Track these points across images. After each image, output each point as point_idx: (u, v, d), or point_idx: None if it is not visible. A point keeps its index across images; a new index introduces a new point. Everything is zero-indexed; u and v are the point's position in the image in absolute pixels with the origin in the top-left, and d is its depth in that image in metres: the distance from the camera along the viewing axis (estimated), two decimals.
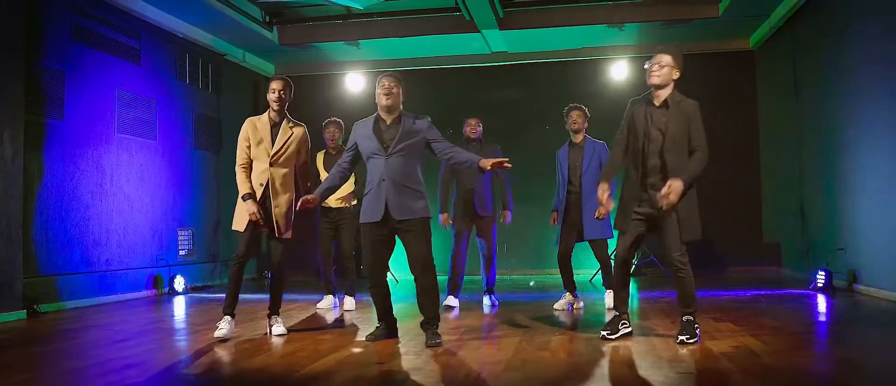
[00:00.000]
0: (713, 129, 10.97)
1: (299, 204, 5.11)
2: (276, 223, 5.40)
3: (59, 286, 7.50)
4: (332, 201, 7.12)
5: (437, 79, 11.52)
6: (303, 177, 5.67)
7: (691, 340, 4.69)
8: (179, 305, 7.92)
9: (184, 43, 9.65)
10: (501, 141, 10.58)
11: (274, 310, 5.58)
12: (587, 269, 10.17)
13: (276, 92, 5.46)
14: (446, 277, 7.03)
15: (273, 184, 5.39)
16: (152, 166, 9.09)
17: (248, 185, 5.37)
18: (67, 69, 7.71)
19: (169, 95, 9.46)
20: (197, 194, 10.08)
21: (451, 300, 7.08)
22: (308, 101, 11.58)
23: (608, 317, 6.02)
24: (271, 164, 5.40)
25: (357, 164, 5.29)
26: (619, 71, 10.45)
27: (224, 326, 5.25)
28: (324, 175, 7.13)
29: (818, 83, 8.56)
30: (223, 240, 10.52)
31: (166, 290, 8.98)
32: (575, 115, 6.95)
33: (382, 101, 5.02)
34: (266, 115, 5.53)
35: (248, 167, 5.44)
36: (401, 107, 5.13)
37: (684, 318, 4.82)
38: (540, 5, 9.62)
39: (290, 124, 5.54)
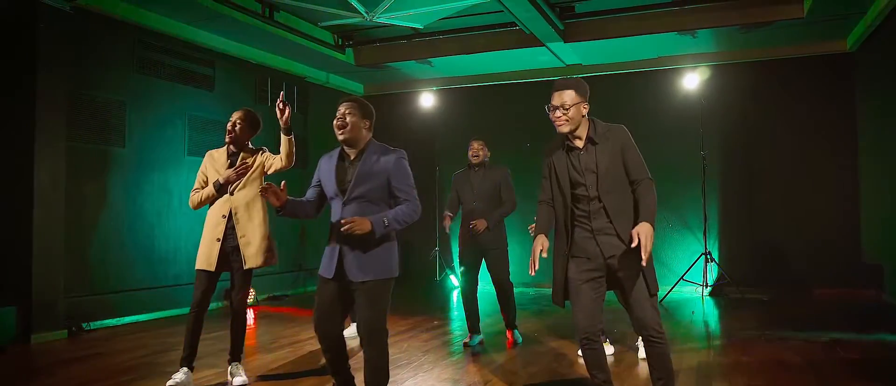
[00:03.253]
0: (806, 137, 8.81)
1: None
2: (243, 255, 4.21)
3: (118, 303, 6.77)
4: None
5: (513, 94, 9.94)
6: (289, 156, 4.30)
7: None
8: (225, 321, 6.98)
9: (262, 69, 8.75)
10: None
11: (235, 355, 4.38)
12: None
13: (233, 121, 4.29)
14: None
15: (235, 215, 4.21)
16: None
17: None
18: (129, 99, 6.97)
19: None
20: None
21: (471, 339, 5.60)
22: (394, 119, 10.44)
23: (641, 370, 4.42)
24: (231, 194, 4.22)
25: (324, 203, 3.69)
26: (691, 81, 8.41)
27: (179, 378, 4.12)
28: None
29: None
30: (308, 248, 9.60)
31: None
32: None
33: (337, 135, 3.50)
34: (225, 146, 4.39)
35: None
36: (368, 137, 3.55)
37: None
38: (600, 15, 7.82)
39: (248, 153, 4.34)
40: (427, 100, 9.94)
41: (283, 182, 3.50)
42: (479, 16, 7.92)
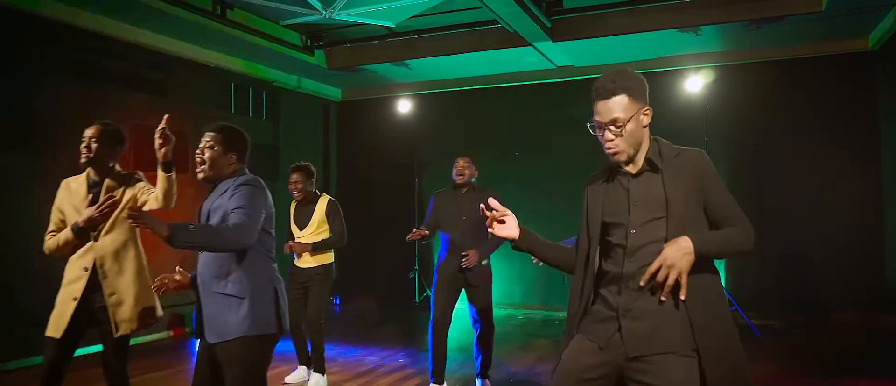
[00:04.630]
0: (823, 146, 7.77)
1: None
2: (113, 320, 3.23)
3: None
4: (303, 260, 4.97)
5: (500, 98, 8.95)
6: (167, 197, 3.26)
7: None
8: (174, 353, 6.08)
9: (223, 73, 7.81)
10: (569, 162, 8.01)
11: None
12: None
13: (85, 140, 3.31)
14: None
15: (101, 267, 3.23)
16: (185, 199, 7.32)
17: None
18: (61, 108, 6.05)
19: (205, 126, 7.66)
20: None
21: None
22: (374, 127, 9.50)
23: None
24: (96, 240, 3.25)
25: None
26: (694, 83, 7.40)
27: None
28: (295, 230, 5.01)
29: None
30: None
31: (189, 329, 7.18)
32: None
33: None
34: (85, 173, 3.39)
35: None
36: (233, 170, 2.84)
37: None
38: (592, 11, 6.83)
39: (116, 182, 3.33)
40: (404, 106, 8.97)
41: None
42: (458, 13, 6.95)
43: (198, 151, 2.81)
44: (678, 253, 1.93)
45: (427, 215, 4.81)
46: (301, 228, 5.00)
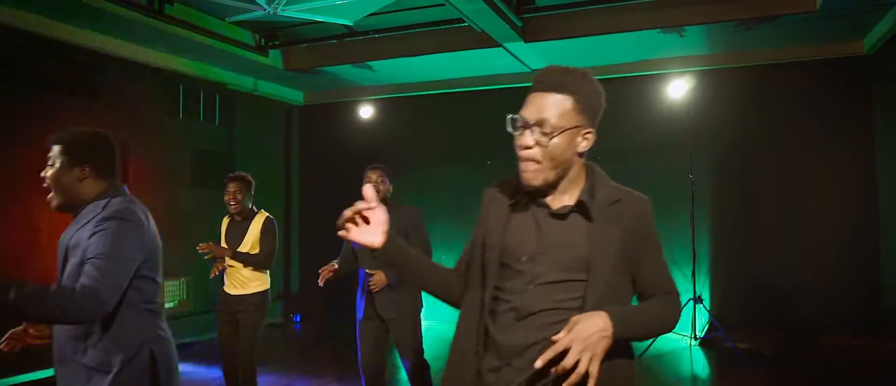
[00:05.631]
0: (814, 157, 7.20)
1: None
2: None
3: None
4: (233, 286, 4.35)
5: (470, 103, 8.31)
6: None
7: None
8: None
9: (169, 74, 7.13)
10: None
11: None
12: None
13: None
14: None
15: None
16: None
17: None
18: None
19: (148, 132, 6.97)
20: (195, 236, 7.58)
21: None
22: (337, 131, 8.84)
23: None
24: None
25: None
26: (677, 88, 6.83)
27: None
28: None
29: None
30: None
31: None
32: None
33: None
34: None
35: None
36: (97, 191, 2.24)
37: None
38: (567, 8, 6.22)
39: None
40: (369, 111, 8.32)
41: None
42: (421, 11, 6.34)
43: (41, 174, 2.22)
44: (594, 334, 1.39)
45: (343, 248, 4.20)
46: (233, 248, 4.39)
